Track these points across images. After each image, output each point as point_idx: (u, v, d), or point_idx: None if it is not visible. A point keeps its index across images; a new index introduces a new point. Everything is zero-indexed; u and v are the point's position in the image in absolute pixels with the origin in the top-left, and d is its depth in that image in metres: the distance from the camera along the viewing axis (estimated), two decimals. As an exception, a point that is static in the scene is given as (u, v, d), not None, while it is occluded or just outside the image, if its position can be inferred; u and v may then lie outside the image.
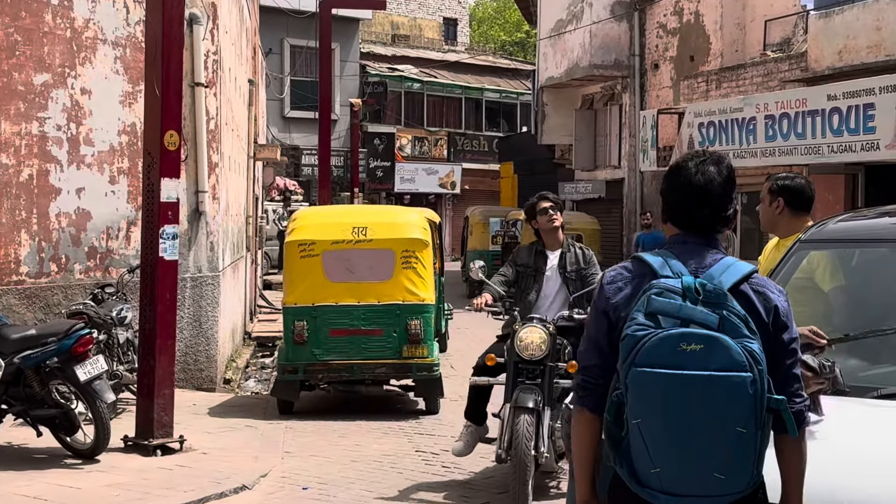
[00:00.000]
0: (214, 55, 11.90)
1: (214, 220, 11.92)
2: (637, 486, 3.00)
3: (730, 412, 2.88)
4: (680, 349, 2.88)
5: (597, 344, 3.17)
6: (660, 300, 2.96)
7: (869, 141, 14.10)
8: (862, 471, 3.49)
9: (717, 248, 3.18)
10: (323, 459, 8.50)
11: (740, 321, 2.93)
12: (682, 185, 3.20)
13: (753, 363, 2.89)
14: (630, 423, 2.96)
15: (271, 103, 32.30)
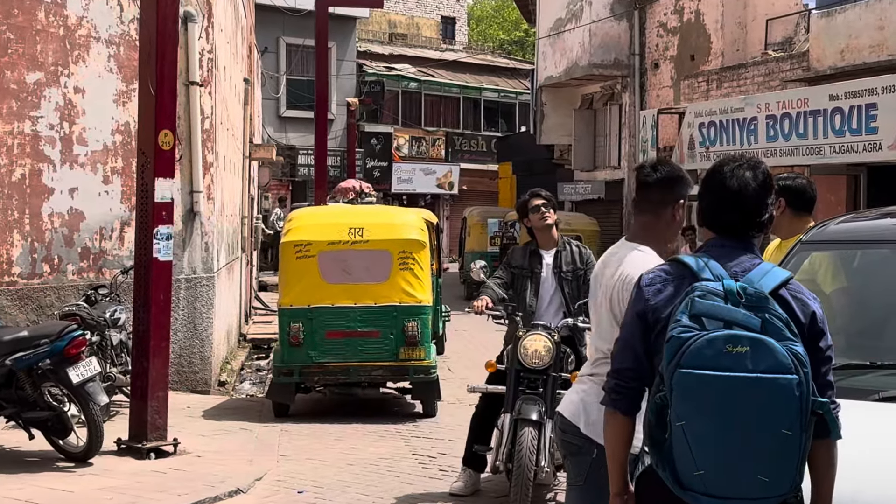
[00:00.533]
0: (209, 53, 11.79)
1: (209, 221, 11.81)
2: (679, 489, 2.99)
3: (775, 414, 2.90)
4: (726, 351, 2.90)
5: (632, 347, 3.20)
6: (704, 302, 2.98)
7: (871, 141, 14.00)
8: (867, 475, 3.43)
9: (753, 253, 3.20)
10: (319, 463, 8.39)
11: (782, 324, 2.96)
12: (716, 189, 3.24)
13: (799, 365, 2.91)
14: (674, 425, 2.95)
15: (267, 102, 32.19)
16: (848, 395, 3.94)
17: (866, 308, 4.68)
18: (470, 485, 7.40)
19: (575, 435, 4.07)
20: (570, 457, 4.13)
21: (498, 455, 6.87)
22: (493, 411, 7.25)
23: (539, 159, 28.16)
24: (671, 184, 4.12)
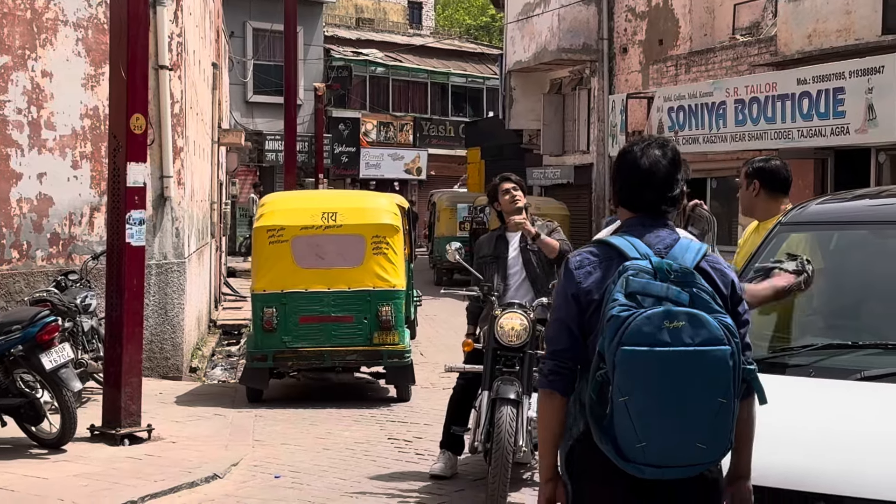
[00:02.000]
0: (179, 37, 11.68)
1: (180, 206, 11.73)
2: (623, 461, 3.09)
3: (712, 384, 3.03)
4: (664, 326, 3.01)
5: (568, 328, 3.27)
6: (638, 280, 3.08)
7: (839, 125, 14.10)
8: (858, 454, 3.49)
9: (671, 228, 3.33)
10: (294, 447, 8.37)
11: (709, 297, 3.10)
12: (629, 170, 3.35)
13: (731, 336, 3.04)
14: (616, 400, 3.04)
15: (234, 87, 31.95)
16: (831, 374, 4.00)
17: (845, 289, 4.73)
18: (449, 466, 7.41)
19: None
20: None
21: (476, 435, 6.88)
22: (470, 392, 7.27)
23: (508, 144, 28.16)
24: None
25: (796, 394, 3.98)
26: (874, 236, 4.75)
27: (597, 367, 3.11)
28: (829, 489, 3.41)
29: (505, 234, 7.41)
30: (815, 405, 3.87)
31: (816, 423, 3.74)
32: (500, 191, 7.36)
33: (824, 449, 3.56)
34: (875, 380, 3.90)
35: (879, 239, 4.73)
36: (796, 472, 3.49)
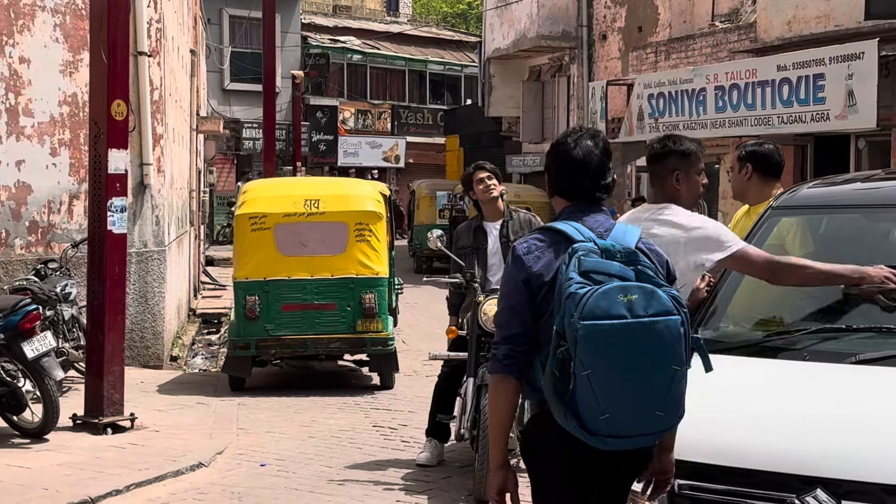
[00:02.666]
0: (158, 23, 11.57)
1: (160, 194, 11.64)
2: (588, 435, 3.20)
3: (667, 352, 3.18)
4: (620, 300, 3.14)
5: (520, 313, 3.37)
6: (589, 260, 3.23)
7: (819, 111, 14.13)
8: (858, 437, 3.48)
9: (607, 213, 3.50)
10: (279, 436, 8.33)
11: (653, 273, 3.26)
12: (563, 160, 3.50)
13: (679, 307, 3.21)
14: (579, 375, 3.14)
15: (210, 75, 31.75)
16: (825, 358, 3.99)
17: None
18: (435, 455, 7.39)
19: None
20: None
21: (462, 422, 6.86)
22: (455, 380, 7.24)
23: (487, 132, 28.13)
24: (663, 158, 4.50)
25: (791, 378, 3.96)
26: (865, 220, 4.75)
27: (557, 346, 3.19)
28: (826, 472, 3.39)
29: (483, 224, 7.38)
30: (811, 389, 3.86)
31: (812, 407, 3.72)
32: (475, 180, 7.33)
33: (821, 432, 3.54)
34: (870, 363, 3.89)
35: (870, 222, 4.73)
36: (793, 456, 3.48)
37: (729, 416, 3.76)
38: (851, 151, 15.08)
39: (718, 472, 3.56)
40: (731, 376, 4.09)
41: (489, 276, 7.25)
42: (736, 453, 3.57)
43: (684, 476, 3.61)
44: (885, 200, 4.73)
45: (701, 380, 4.07)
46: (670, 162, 4.54)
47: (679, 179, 4.52)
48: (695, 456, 3.64)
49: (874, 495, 3.31)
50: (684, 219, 4.39)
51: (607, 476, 3.39)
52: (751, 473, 3.50)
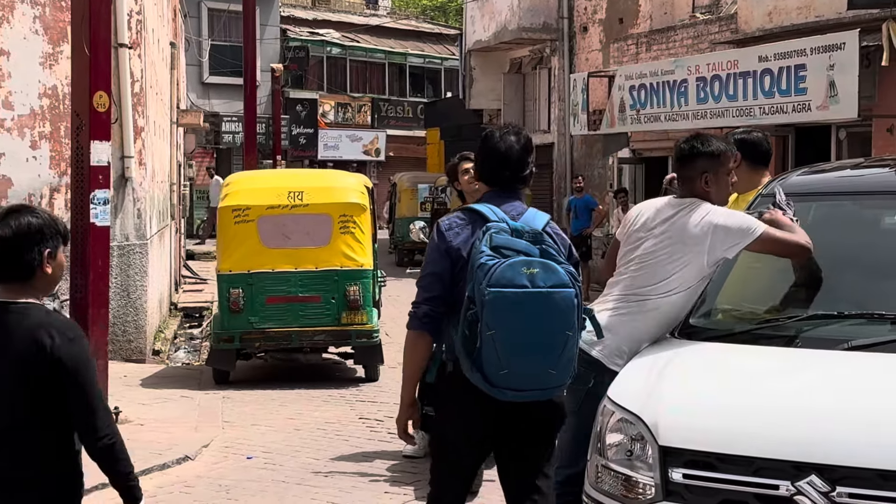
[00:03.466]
0: (138, 15, 11.49)
1: (141, 187, 11.56)
2: (490, 387, 3.78)
3: (561, 319, 3.75)
4: (523, 272, 3.72)
5: (441, 279, 3.95)
6: (499, 237, 3.79)
7: (800, 102, 14.15)
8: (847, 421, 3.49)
9: (521, 200, 4.07)
10: (265, 428, 8.31)
11: (555, 251, 3.84)
12: (489, 152, 4.08)
13: (574, 281, 3.80)
14: (484, 335, 3.71)
15: (190, 68, 31.56)
16: (817, 344, 4.00)
17: (826, 260, 4.70)
18: (423, 447, 7.36)
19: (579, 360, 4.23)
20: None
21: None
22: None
23: (468, 124, 28.04)
24: (691, 160, 4.52)
25: (784, 365, 3.97)
26: (854, 207, 4.75)
27: (467, 309, 3.76)
28: (821, 459, 3.40)
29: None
30: (804, 376, 3.87)
31: (806, 394, 3.73)
32: (461, 170, 7.28)
33: (815, 419, 3.55)
34: (862, 349, 3.89)
35: (860, 209, 4.74)
36: (787, 443, 3.48)
37: (723, 404, 3.77)
38: (832, 142, 15.11)
39: (713, 459, 3.56)
40: (723, 364, 4.10)
41: None
42: (730, 441, 3.57)
43: (680, 465, 3.62)
44: (875, 187, 4.75)
45: (692, 368, 4.10)
46: (699, 163, 4.48)
47: (708, 181, 4.47)
48: (689, 444, 3.64)
49: (869, 481, 3.32)
50: (710, 215, 4.37)
51: (518, 429, 3.95)
52: (745, 461, 3.50)
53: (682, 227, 4.36)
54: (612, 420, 3.90)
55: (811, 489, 3.36)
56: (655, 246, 4.41)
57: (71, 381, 3.19)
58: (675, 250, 4.36)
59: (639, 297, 4.38)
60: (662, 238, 4.40)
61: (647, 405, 3.80)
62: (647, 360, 4.18)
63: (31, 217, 3.22)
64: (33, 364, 3.16)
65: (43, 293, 3.34)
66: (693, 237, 4.32)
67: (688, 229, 4.33)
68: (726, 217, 4.37)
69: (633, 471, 3.76)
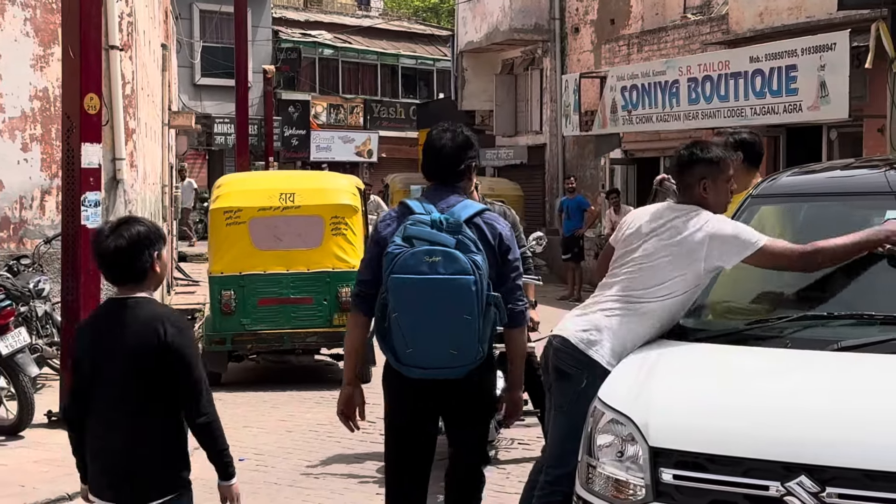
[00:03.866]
0: (129, 17, 11.47)
1: (133, 189, 11.54)
2: (397, 363, 4.22)
3: (459, 304, 4.10)
4: (425, 260, 4.09)
5: (370, 264, 4.32)
6: (413, 228, 4.16)
7: (791, 103, 14.19)
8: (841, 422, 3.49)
9: (458, 193, 4.36)
10: (257, 430, 8.30)
11: (471, 242, 4.16)
12: (427, 149, 4.42)
13: (476, 269, 4.11)
14: (391, 317, 4.14)
15: (181, 70, 31.52)
16: (807, 345, 4.00)
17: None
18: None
19: (570, 361, 4.37)
20: (558, 381, 4.45)
21: (440, 415, 6.83)
22: None
23: (460, 125, 28.06)
24: (690, 166, 4.51)
25: (774, 365, 3.98)
26: (844, 207, 4.76)
27: (380, 293, 4.19)
28: (810, 459, 3.40)
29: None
30: (794, 376, 3.87)
31: (796, 394, 3.73)
32: None
33: (805, 419, 3.55)
34: (852, 350, 3.89)
35: (849, 210, 4.74)
36: (777, 443, 3.48)
37: (713, 405, 3.77)
38: (824, 142, 15.15)
39: (704, 460, 3.57)
40: (714, 365, 4.10)
41: None
42: (720, 441, 3.57)
43: (670, 465, 3.62)
44: (864, 188, 4.75)
45: (683, 369, 4.11)
46: (697, 170, 4.46)
47: (706, 188, 4.44)
48: (679, 445, 3.64)
49: (859, 481, 3.32)
50: (709, 224, 4.35)
51: (447, 412, 4.38)
52: (735, 461, 3.50)
53: (681, 234, 4.34)
54: (602, 421, 3.91)
55: (801, 490, 3.37)
56: (653, 250, 4.40)
57: (180, 365, 3.64)
58: (672, 256, 4.34)
59: (634, 300, 4.37)
60: (660, 243, 4.39)
61: (638, 406, 3.80)
62: (637, 361, 4.19)
63: (139, 226, 3.73)
64: (148, 350, 3.63)
65: (153, 290, 3.82)
66: (690, 245, 4.31)
67: (686, 237, 4.32)
68: (725, 227, 4.34)
69: (624, 471, 3.76)
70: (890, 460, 3.31)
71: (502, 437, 7.64)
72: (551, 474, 4.42)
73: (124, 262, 3.68)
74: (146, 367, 3.61)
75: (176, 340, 3.62)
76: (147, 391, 3.63)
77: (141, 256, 3.68)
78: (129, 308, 3.69)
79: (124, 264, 3.69)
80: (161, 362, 3.60)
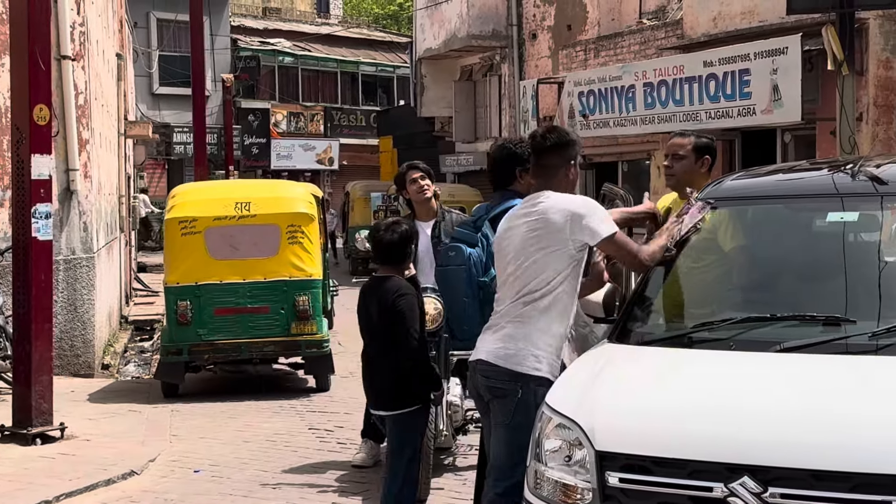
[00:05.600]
0: (81, 27, 11.38)
1: (87, 200, 11.44)
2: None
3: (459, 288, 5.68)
4: (450, 255, 5.76)
5: None
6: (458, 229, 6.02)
7: (745, 106, 14.33)
8: (777, 421, 3.51)
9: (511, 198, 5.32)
10: (213, 441, 8.25)
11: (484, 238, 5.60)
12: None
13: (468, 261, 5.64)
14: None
15: (139, 79, 31.34)
16: (751, 347, 4.03)
17: (762, 263, 4.76)
18: (371, 456, 7.35)
19: (500, 378, 4.41)
20: (496, 399, 4.46)
21: (397, 423, 6.83)
22: None
23: (420, 132, 28.12)
24: (560, 149, 4.55)
25: (718, 367, 4.00)
26: (788, 210, 4.80)
27: None
28: (753, 460, 3.43)
29: (414, 224, 7.36)
30: (737, 378, 3.90)
31: (739, 396, 3.75)
32: (408, 179, 7.31)
33: (748, 420, 3.57)
34: (794, 351, 3.93)
35: (794, 212, 4.78)
36: (720, 445, 3.51)
37: (657, 408, 3.79)
38: (778, 145, 15.31)
39: (649, 463, 3.58)
40: (659, 368, 4.13)
41: (419, 276, 7.24)
42: (665, 444, 3.59)
43: (616, 469, 3.64)
44: (808, 190, 4.80)
45: (629, 372, 4.13)
46: (567, 152, 4.57)
47: (570, 169, 4.57)
48: (625, 448, 3.66)
49: (802, 481, 3.35)
50: (568, 201, 4.47)
51: None
52: (680, 463, 3.52)
53: (543, 218, 4.43)
54: (549, 426, 3.92)
55: (744, 490, 3.39)
56: (524, 245, 4.48)
57: (399, 321, 5.31)
58: (541, 241, 4.43)
59: (530, 300, 4.43)
60: (527, 234, 4.48)
61: (584, 410, 3.82)
62: (583, 365, 4.21)
63: (404, 226, 5.49)
64: (388, 308, 5.33)
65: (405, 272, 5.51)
66: (555, 225, 4.40)
67: (548, 218, 4.41)
68: (583, 207, 4.44)
69: (572, 476, 3.77)
70: (830, 460, 3.34)
71: (460, 443, 7.64)
72: (500, 486, 4.42)
73: (395, 252, 5.41)
74: (388, 320, 5.29)
75: (399, 303, 5.29)
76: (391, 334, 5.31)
77: (404, 248, 5.44)
78: (384, 281, 5.42)
79: (395, 253, 5.42)
80: (392, 317, 5.29)
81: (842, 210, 4.49)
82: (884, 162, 4.81)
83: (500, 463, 4.44)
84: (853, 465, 3.30)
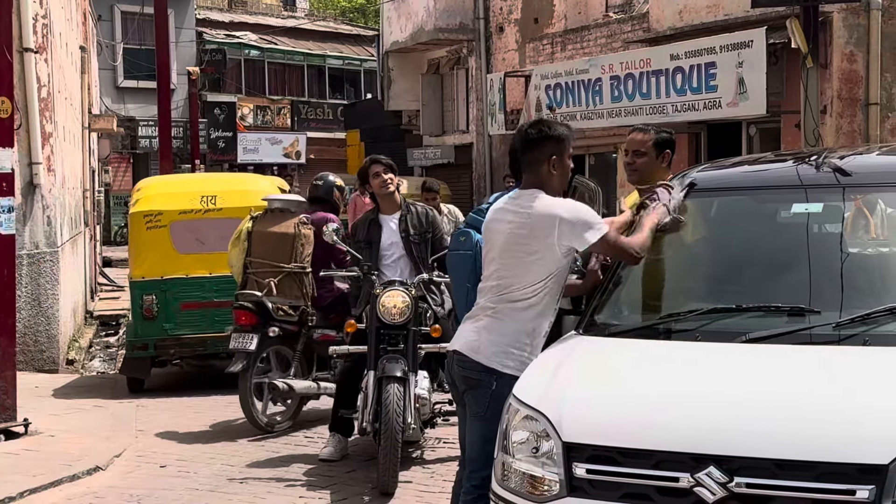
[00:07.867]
0: (43, 19, 11.26)
1: (50, 193, 11.34)
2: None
3: (464, 274, 5.11)
4: (460, 240, 5.24)
5: None
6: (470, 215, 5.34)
7: (711, 99, 14.40)
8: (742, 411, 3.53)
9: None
10: (180, 436, 8.19)
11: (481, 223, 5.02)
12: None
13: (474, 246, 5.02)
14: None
15: (103, 73, 31.06)
16: (716, 338, 4.05)
17: (727, 254, 4.78)
18: (339, 450, 7.33)
19: (474, 369, 4.44)
20: (470, 391, 4.49)
21: (364, 416, 6.81)
22: (357, 374, 7.20)
23: (387, 126, 28.03)
24: (545, 142, 4.50)
25: (684, 358, 4.02)
26: (753, 202, 4.83)
27: None
28: (719, 450, 3.44)
29: (378, 217, 7.37)
30: (703, 368, 3.92)
31: (704, 386, 3.78)
32: (371, 173, 7.33)
33: (713, 411, 3.59)
34: (759, 341, 3.95)
35: (758, 204, 4.81)
36: (686, 435, 3.52)
37: (623, 399, 3.80)
38: (743, 138, 15.40)
39: (616, 454, 3.59)
40: (625, 359, 4.14)
41: (383, 269, 7.24)
42: (631, 435, 3.61)
43: (583, 460, 3.64)
44: (773, 182, 4.83)
45: (595, 363, 4.14)
46: (547, 147, 4.51)
47: (554, 165, 4.51)
48: (592, 439, 3.67)
49: (766, 470, 3.37)
50: (556, 206, 4.42)
51: None
52: (646, 454, 3.54)
53: (530, 223, 4.41)
54: (517, 418, 3.92)
55: (710, 480, 3.41)
56: (508, 243, 4.47)
57: None
58: (527, 243, 4.42)
59: (509, 298, 4.44)
60: (512, 235, 4.46)
61: (551, 401, 3.82)
62: (550, 357, 4.21)
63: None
64: None
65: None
66: (542, 230, 4.38)
67: (535, 220, 4.39)
68: (571, 212, 4.40)
69: (539, 467, 3.78)
70: (795, 449, 3.36)
71: (428, 436, 7.64)
72: (476, 477, 4.43)
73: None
74: None
75: None
76: None
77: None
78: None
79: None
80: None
81: (806, 201, 4.52)
82: (847, 154, 4.84)
83: (476, 453, 4.46)
84: (817, 454, 3.32)
